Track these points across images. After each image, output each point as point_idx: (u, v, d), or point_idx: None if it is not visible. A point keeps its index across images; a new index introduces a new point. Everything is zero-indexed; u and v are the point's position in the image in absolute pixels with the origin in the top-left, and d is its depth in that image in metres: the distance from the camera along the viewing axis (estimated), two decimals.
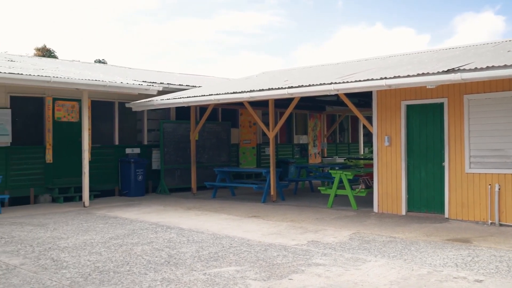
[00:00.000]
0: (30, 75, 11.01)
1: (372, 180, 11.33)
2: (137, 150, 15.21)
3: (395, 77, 9.08)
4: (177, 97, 13.32)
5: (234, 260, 6.69)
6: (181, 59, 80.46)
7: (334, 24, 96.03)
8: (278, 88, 11.03)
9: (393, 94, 10.70)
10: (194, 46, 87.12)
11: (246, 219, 10.30)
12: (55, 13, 73.60)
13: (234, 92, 11.91)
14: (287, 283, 5.62)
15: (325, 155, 21.22)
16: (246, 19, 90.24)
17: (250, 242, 7.90)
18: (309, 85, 10.44)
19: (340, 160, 19.25)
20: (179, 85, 15.80)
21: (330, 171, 12.79)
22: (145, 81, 14.26)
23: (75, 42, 68.39)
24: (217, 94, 12.24)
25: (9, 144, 12.66)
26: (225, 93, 12.12)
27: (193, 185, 14.84)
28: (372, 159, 16.61)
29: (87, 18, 77.32)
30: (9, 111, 12.63)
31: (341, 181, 11.82)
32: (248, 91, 11.58)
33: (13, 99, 12.81)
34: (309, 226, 9.28)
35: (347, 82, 9.81)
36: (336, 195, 11.96)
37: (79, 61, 21.83)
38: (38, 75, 11.14)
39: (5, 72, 10.71)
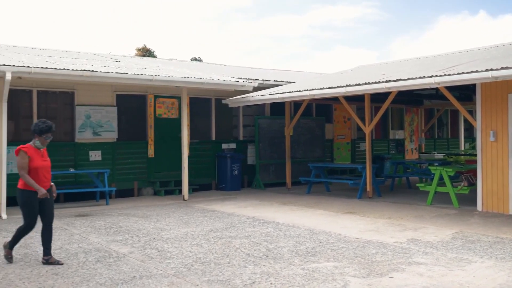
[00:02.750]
0: (134, 74, 11.62)
1: (475, 177, 10.79)
2: (233, 146, 15.56)
3: (502, 68, 8.57)
4: (272, 93, 13.45)
5: (332, 256, 6.66)
6: (274, 55, 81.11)
7: (433, 14, 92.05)
8: (375, 82, 10.80)
9: (499, 86, 10.10)
10: (287, 42, 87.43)
11: (342, 215, 10.21)
12: (154, 14, 76.94)
13: (329, 87, 11.83)
14: (388, 281, 5.51)
15: (423, 151, 20.49)
16: (339, 13, 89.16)
17: (347, 238, 7.83)
18: (408, 79, 10.13)
19: (439, 156, 18.51)
20: (274, 81, 15.94)
21: (429, 167, 12.36)
22: (241, 78, 14.53)
23: (172, 42, 71.17)
24: (312, 90, 12.21)
25: (115, 140, 13.45)
26: (320, 88, 12.06)
27: (288, 180, 14.93)
28: (474, 155, 15.86)
29: (183, 18, 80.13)
30: (115, 108, 13.40)
31: (441, 178, 11.36)
32: (344, 86, 11.45)
33: (119, 97, 13.57)
34: (408, 224, 9.03)
35: (449, 74, 9.40)
36: (435, 192, 11.53)
37: (176, 59, 22.70)
38: (142, 74, 11.73)
39: (112, 72, 11.38)
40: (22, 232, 6.51)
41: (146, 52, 37.77)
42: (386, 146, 19.65)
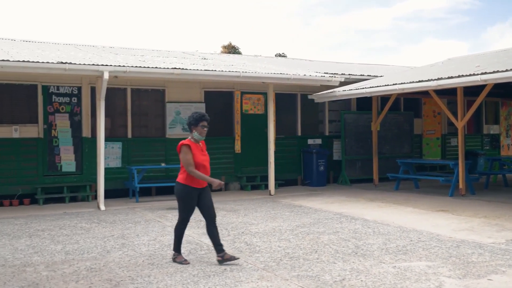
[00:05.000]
0: (222, 71, 11.86)
1: None
2: (318, 141, 15.47)
3: None
4: (359, 88, 13.22)
5: (424, 255, 6.45)
6: (360, 49, 79.74)
7: None
8: (470, 75, 10.31)
9: None
10: (373, 35, 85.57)
11: (433, 213, 9.86)
12: (238, 12, 78.05)
13: (419, 81, 11.44)
14: (487, 284, 5.25)
15: None
16: (427, 3, 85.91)
17: (439, 237, 7.55)
18: (506, 70, 9.57)
19: None
20: (360, 75, 15.65)
21: None
22: (327, 73, 14.39)
23: (256, 38, 71.89)
24: (401, 83, 11.87)
25: None
26: (410, 82, 11.70)
27: (375, 176, 14.63)
28: None
29: (267, 14, 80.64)
30: (203, 105, 13.75)
31: None
32: (435, 79, 11.03)
33: (207, 94, 13.91)
34: (506, 224, 8.55)
35: None
36: None
37: (261, 56, 22.88)
38: (229, 71, 11.95)
39: (201, 69, 11.68)
40: (178, 228, 6.37)
41: (231, 49, 38.42)
42: (479, 141, 18.73)
